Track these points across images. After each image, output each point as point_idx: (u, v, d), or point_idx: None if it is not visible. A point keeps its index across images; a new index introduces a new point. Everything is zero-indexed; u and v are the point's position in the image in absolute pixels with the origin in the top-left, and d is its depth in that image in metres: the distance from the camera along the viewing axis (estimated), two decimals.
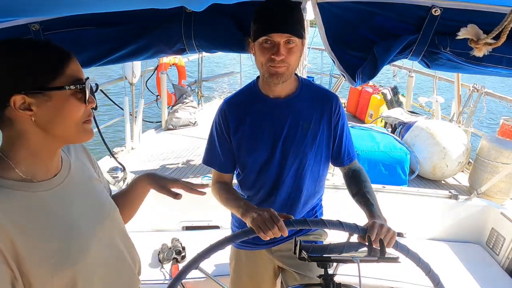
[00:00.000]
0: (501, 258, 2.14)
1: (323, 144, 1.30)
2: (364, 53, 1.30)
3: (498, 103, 4.75)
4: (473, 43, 0.82)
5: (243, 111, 1.28)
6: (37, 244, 0.71)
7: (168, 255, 2.08)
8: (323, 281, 1.00)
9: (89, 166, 0.95)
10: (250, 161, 1.31)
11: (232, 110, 1.29)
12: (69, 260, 0.75)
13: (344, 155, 1.34)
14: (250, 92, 1.29)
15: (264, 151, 1.28)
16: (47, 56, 0.71)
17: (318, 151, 1.29)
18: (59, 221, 0.76)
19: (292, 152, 1.26)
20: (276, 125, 1.25)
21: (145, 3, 0.98)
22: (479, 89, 4.57)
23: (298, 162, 1.28)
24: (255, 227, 1.01)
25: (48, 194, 0.77)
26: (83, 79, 0.76)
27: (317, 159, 1.31)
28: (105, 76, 8.16)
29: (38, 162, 0.76)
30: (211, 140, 1.35)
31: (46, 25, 1.19)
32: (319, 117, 1.27)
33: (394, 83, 6.56)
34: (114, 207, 0.95)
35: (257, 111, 1.26)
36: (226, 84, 12.02)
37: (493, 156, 3.64)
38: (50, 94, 0.71)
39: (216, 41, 1.40)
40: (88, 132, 0.80)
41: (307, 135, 1.26)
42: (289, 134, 1.25)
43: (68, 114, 0.74)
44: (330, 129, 1.29)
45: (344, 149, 1.34)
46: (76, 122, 0.76)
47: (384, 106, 6.13)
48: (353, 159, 1.37)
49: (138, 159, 4.47)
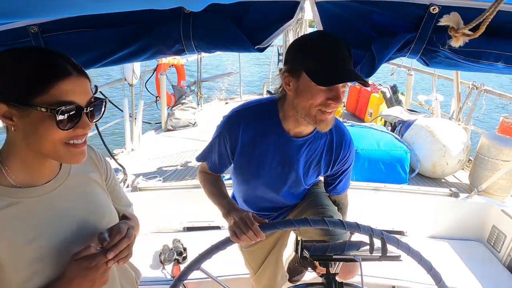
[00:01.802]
0: (503, 255, 2.15)
1: (321, 174, 1.35)
2: (363, 51, 1.30)
3: (497, 100, 4.74)
4: (452, 31, 0.81)
5: (256, 135, 1.21)
6: (17, 252, 0.71)
7: (170, 256, 2.08)
8: (325, 280, 1.00)
9: (95, 172, 0.91)
10: (245, 181, 1.35)
11: (245, 129, 1.21)
12: (47, 272, 0.74)
13: (335, 190, 1.41)
14: (270, 120, 1.20)
15: (263, 180, 1.30)
16: (35, 72, 0.69)
17: (317, 178, 1.37)
18: (43, 229, 0.75)
19: (292, 180, 1.31)
20: (283, 162, 1.25)
21: (143, 4, 0.98)
22: (479, 86, 4.57)
23: (294, 188, 1.35)
24: (230, 233, 1.03)
25: (36, 201, 0.76)
26: (73, 102, 0.70)
27: (314, 181, 1.40)
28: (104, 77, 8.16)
29: (28, 169, 0.75)
30: (212, 146, 1.31)
31: (45, 27, 1.19)
32: (328, 160, 1.28)
33: (393, 82, 6.57)
34: (112, 218, 0.90)
35: (271, 142, 1.22)
36: (226, 85, 12.02)
37: (493, 153, 3.64)
38: (28, 110, 0.68)
39: (215, 41, 1.39)
40: (72, 155, 0.74)
41: (310, 170, 1.29)
42: (298, 175, 1.29)
43: (43, 134, 0.70)
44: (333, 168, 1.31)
45: (338, 186, 1.39)
46: (53, 143, 0.71)
47: (383, 104, 6.14)
48: (341, 193, 1.43)
49: (138, 160, 4.47)
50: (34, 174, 0.77)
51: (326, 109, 1.04)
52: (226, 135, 1.23)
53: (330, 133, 1.24)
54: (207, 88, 9.95)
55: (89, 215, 0.84)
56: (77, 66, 0.73)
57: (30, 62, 0.70)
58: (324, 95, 1.02)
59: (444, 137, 3.93)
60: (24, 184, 0.75)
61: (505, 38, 1.10)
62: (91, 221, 0.84)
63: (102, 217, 0.87)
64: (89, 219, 0.84)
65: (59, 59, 0.72)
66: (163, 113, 5.66)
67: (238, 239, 1.00)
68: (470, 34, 0.77)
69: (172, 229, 2.45)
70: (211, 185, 1.32)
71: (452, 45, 0.84)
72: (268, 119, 1.21)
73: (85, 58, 1.29)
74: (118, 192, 1.00)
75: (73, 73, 0.71)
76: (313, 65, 1.02)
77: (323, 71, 1.00)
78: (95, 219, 0.85)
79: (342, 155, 1.28)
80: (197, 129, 5.63)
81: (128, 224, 0.83)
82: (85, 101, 0.73)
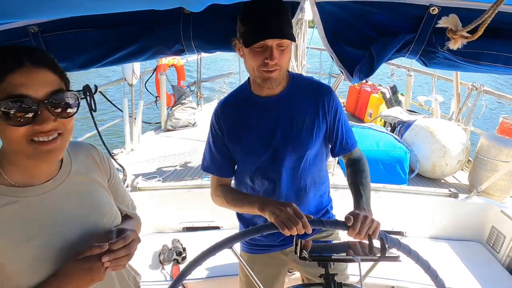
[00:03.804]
0: (502, 256, 2.15)
1: (319, 137, 1.26)
2: (363, 50, 1.30)
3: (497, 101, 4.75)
4: (451, 33, 0.81)
5: (236, 114, 1.26)
6: (16, 250, 0.71)
7: (169, 256, 2.08)
8: (324, 280, 1.00)
9: (97, 172, 0.91)
10: (247, 163, 1.30)
11: (225, 113, 1.27)
12: (48, 269, 0.74)
13: (342, 146, 1.31)
14: (243, 94, 1.27)
15: (259, 153, 1.25)
16: None
17: (315, 145, 1.26)
18: (42, 228, 0.75)
19: (288, 150, 1.24)
20: (268, 124, 1.23)
21: (143, 4, 0.98)
22: (478, 87, 4.58)
23: (295, 159, 1.25)
24: (278, 223, 0.97)
25: (35, 199, 0.76)
26: (23, 95, 0.65)
27: (315, 153, 1.28)
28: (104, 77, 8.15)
29: (22, 169, 0.75)
30: (208, 144, 1.34)
31: (45, 27, 1.19)
32: (313, 111, 1.23)
33: (392, 82, 6.57)
34: (114, 217, 0.90)
35: (249, 113, 1.24)
36: (225, 85, 12.02)
37: (492, 154, 3.65)
38: None
39: (215, 41, 1.40)
40: (39, 153, 0.69)
41: (302, 131, 1.23)
42: (283, 132, 1.23)
43: (4, 133, 0.67)
44: (326, 122, 1.25)
45: (341, 140, 1.30)
46: (16, 141, 0.67)
47: (383, 105, 6.14)
48: (351, 149, 1.33)
49: (137, 161, 4.47)
50: (31, 173, 0.77)
51: (264, 68, 1.08)
52: (214, 124, 1.29)
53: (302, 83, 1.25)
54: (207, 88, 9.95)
55: (90, 214, 0.84)
56: (34, 57, 0.68)
57: None
58: (261, 56, 1.07)
59: (443, 138, 3.93)
60: (22, 184, 0.75)
61: (504, 39, 1.10)
62: (91, 219, 0.84)
63: (103, 216, 0.86)
64: (90, 217, 0.84)
65: (14, 51, 0.67)
66: (162, 113, 5.67)
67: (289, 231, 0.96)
68: (468, 36, 0.77)
69: (171, 229, 2.45)
70: (231, 193, 1.29)
71: (450, 47, 0.84)
72: (241, 93, 1.28)
73: (85, 58, 1.29)
74: (121, 192, 1.00)
75: (26, 64, 0.66)
76: (243, 29, 1.09)
77: (249, 33, 1.06)
78: (95, 217, 0.85)
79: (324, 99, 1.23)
80: (196, 129, 5.63)
81: (135, 236, 0.80)
82: (43, 94, 0.67)
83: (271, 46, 1.06)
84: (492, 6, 0.64)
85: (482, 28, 0.69)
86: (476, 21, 0.69)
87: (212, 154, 1.32)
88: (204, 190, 2.35)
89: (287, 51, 1.10)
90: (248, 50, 1.09)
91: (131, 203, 1.05)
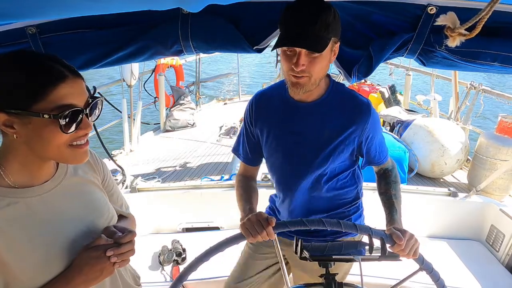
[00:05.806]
0: (501, 254, 2.15)
1: (345, 153, 1.21)
2: (361, 50, 1.30)
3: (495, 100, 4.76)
4: (449, 31, 0.81)
5: (268, 108, 1.26)
6: (19, 250, 0.72)
7: (169, 257, 2.08)
8: (324, 280, 1.00)
9: (92, 173, 0.92)
10: (270, 161, 1.32)
11: (258, 104, 1.28)
12: (49, 269, 0.75)
13: (371, 162, 1.29)
14: (280, 90, 1.24)
15: (280, 155, 1.25)
16: (31, 78, 0.69)
17: (338, 159, 1.21)
18: (45, 228, 0.76)
19: (308, 159, 1.21)
20: (295, 129, 1.21)
21: (141, 5, 0.98)
22: (477, 86, 4.59)
23: (315, 170, 1.22)
24: (244, 231, 1.02)
25: (36, 200, 0.77)
26: (72, 105, 0.71)
27: (338, 165, 1.24)
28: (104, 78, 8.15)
29: (26, 171, 0.76)
30: (241, 130, 1.37)
31: (43, 28, 1.19)
32: (345, 128, 1.18)
33: (391, 82, 6.58)
34: (111, 216, 0.92)
35: (280, 111, 1.23)
36: (224, 85, 12.03)
37: (491, 153, 3.65)
38: (29, 117, 0.69)
39: (214, 42, 1.39)
40: (76, 155, 0.77)
41: (328, 144, 1.18)
42: (308, 141, 1.20)
43: (47, 139, 0.71)
44: (357, 142, 1.21)
45: (373, 158, 1.27)
46: (57, 147, 0.73)
47: (382, 104, 6.14)
48: (383, 162, 1.30)
49: (137, 161, 4.47)
50: (32, 175, 0.78)
51: (292, 73, 1.05)
52: (247, 112, 1.30)
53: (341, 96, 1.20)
54: (206, 89, 9.95)
55: (88, 214, 0.85)
56: (71, 68, 0.74)
57: (24, 69, 0.69)
58: (290, 60, 1.03)
59: (442, 137, 3.93)
60: (21, 185, 0.76)
61: (502, 38, 1.10)
62: (90, 219, 0.85)
63: (100, 215, 0.88)
64: (88, 217, 0.85)
65: (52, 63, 0.72)
66: (161, 114, 5.66)
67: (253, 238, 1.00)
68: (466, 33, 0.77)
69: (171, 230, 2.45)
70: (243, 190, 1.31)
71: (449, 45, 0.84)
72: (279, 89, 1.25)
73: (83, 59, 1.29)
74: (116, 192, 1.01)
75: (68, 75, 0.71)
76: (279, 29, 1.08)
77: (280, 36, 1.04)
78: (94, 217, 0.86)
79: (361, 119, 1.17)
80: (195, 129, 5.62)
81: (133, 236, 0.84)
82: (83, 102, 0.74)
83: (299, 52, 1.02)
84: (489, 4, 0.64)
85: (480, 26, 0.69)
86: (474, 19, 0.69)
87: (242, 140, 1.36)
88: (203, 190, 2.35)
89: (319, 59, 1.04)
90: (282, 52, 1.07)
91: (125, 202, 1.06)
